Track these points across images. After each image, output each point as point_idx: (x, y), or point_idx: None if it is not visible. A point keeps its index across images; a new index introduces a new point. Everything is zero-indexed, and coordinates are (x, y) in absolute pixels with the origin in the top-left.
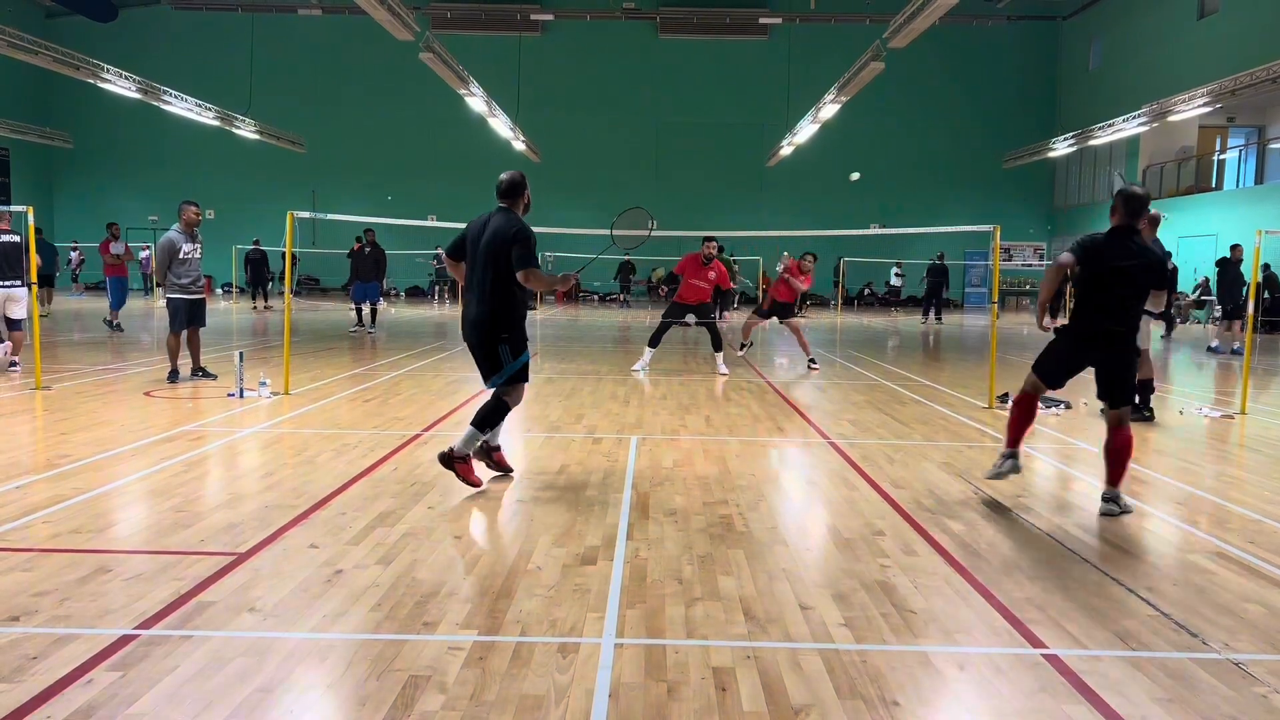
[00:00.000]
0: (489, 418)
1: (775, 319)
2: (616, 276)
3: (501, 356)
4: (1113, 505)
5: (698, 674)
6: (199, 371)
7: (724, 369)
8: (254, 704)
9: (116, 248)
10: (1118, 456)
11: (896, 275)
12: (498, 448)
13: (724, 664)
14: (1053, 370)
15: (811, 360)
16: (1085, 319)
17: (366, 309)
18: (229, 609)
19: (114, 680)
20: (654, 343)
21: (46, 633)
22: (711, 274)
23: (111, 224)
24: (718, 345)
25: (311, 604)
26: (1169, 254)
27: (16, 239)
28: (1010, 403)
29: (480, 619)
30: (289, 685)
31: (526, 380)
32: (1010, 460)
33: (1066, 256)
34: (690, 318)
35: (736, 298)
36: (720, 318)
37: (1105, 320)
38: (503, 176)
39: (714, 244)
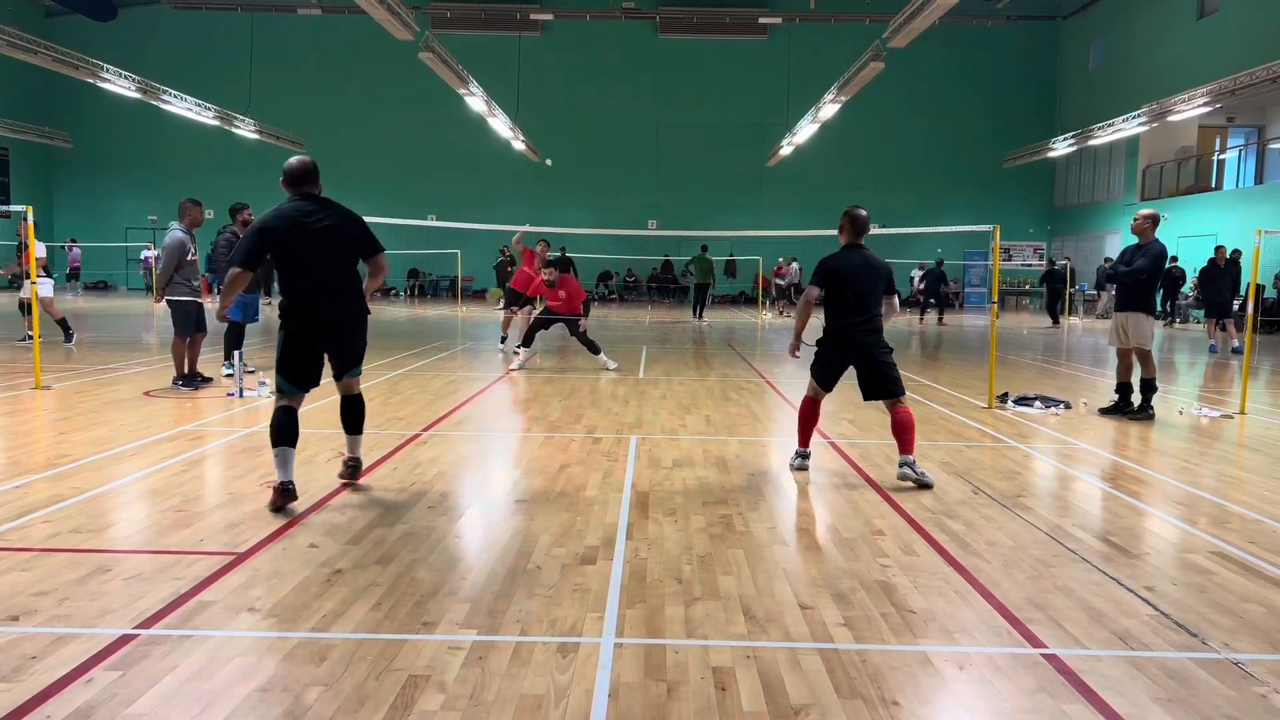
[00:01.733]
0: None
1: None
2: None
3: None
4: (908, 470)
5: (697, 674)
6: (198, 376)
7: (611, 365)
8: (253, 704)
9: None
10: (903, 430)
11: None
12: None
13: (724, 664)
14: (824, 377)
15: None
16: (837, 329)
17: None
18: (228, 609)
19: (113, 680)
20: (527, 341)
21: (46, 632)
22: (561, 293)
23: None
24: (594, 349)
25: (311, 604)
26: (1170, 254)
27: None
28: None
29: (480, 618)
30: (288, 685)
31: None
32: (800, 458)
33: (812, 290)
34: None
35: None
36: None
37: (852, 323)
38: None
39: (551, 270)
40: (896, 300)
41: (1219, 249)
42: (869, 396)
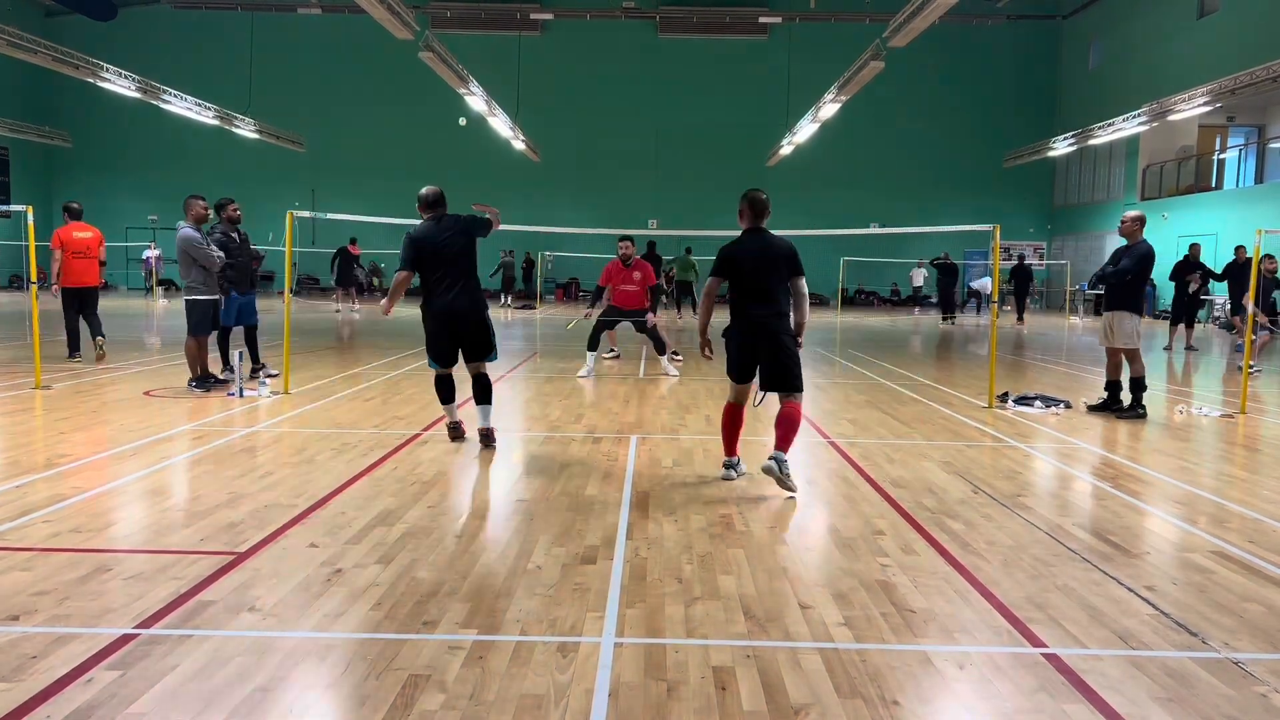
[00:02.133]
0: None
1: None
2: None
3: (491, 333)
4: (775, 466)
5: (697, 673)
6: (211, 377)
7: (672, 371)
8: (254, 703)
9: None
10: (788, 426)
11: (921, 274)
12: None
13: (724, 663)
14: (738, 370)
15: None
16: (742, 317)
17: None
18: (229, 608)
19: (114, 679)
20: (592, 346)
21: (46, 632)
22: (637, 274)
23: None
24: (660, 349)
25: (311, 603)
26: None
27: None
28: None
29: (480, 618)
30: (289, 685)
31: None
32: (726, 469)
33: (712, 282)
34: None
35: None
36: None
37: (758, 311)
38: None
39: (629, 244)
40: (802, 283)
41: (1194, 246)
42: (767, 387)
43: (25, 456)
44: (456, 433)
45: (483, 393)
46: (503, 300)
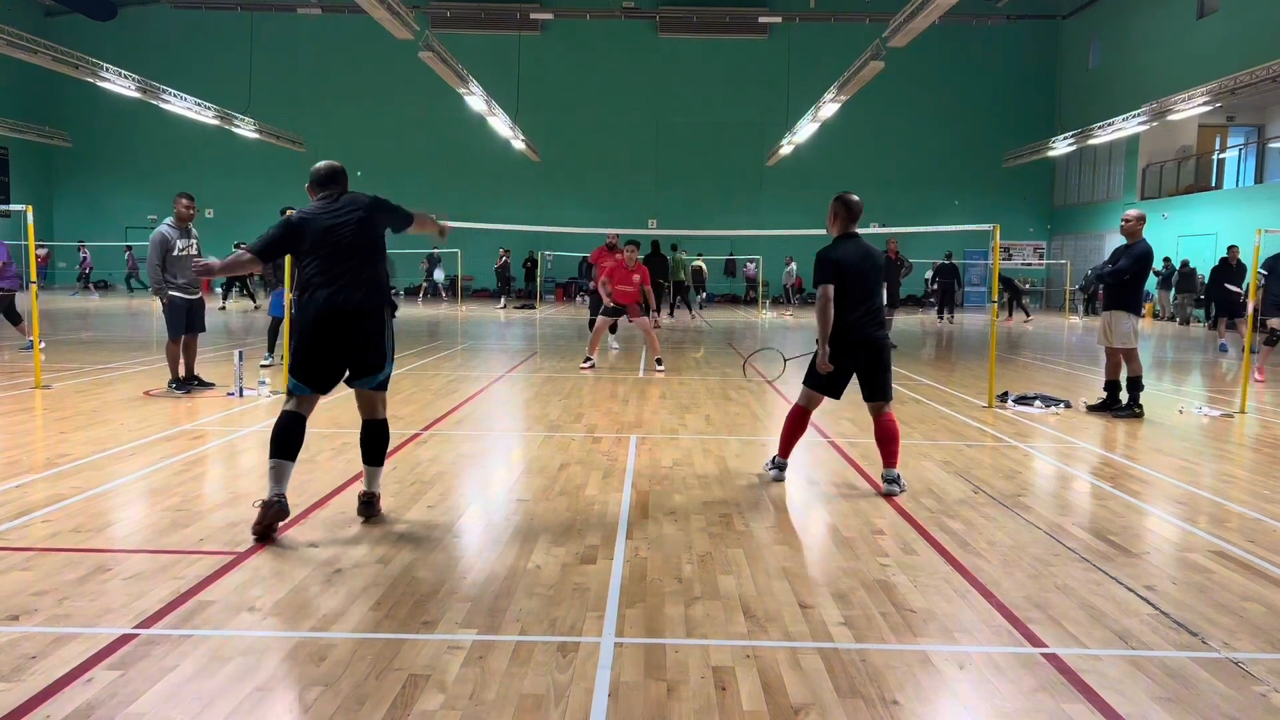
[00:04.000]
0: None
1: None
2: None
3: (388, 345)
4: (895, 487)
5: (697, 673)
6: (193, 380)
7: (658, 369)
8: (253, 703)
9: None
10: (891, 440)
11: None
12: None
13: (723, 663)
14: (831, 383)
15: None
16: (845, 326)
17: None
18: (228, 608)
19: (113, 679)
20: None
21: (46, 632)
22: (636, 276)
23: None
24: (653, 349)
25: (311, 603)
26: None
27: None
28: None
29: (480, 618)
30: (288, 684)
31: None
32: (776, 470)
33: (828, 289)
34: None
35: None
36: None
37: (860, 320)
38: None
39: (635, 247)
40: (885, 292)
41: (1232, 249)
42: (871, 397)
43: (25, 456)
44: (272, 513)
45: (374, 449)
46: (501, 302)
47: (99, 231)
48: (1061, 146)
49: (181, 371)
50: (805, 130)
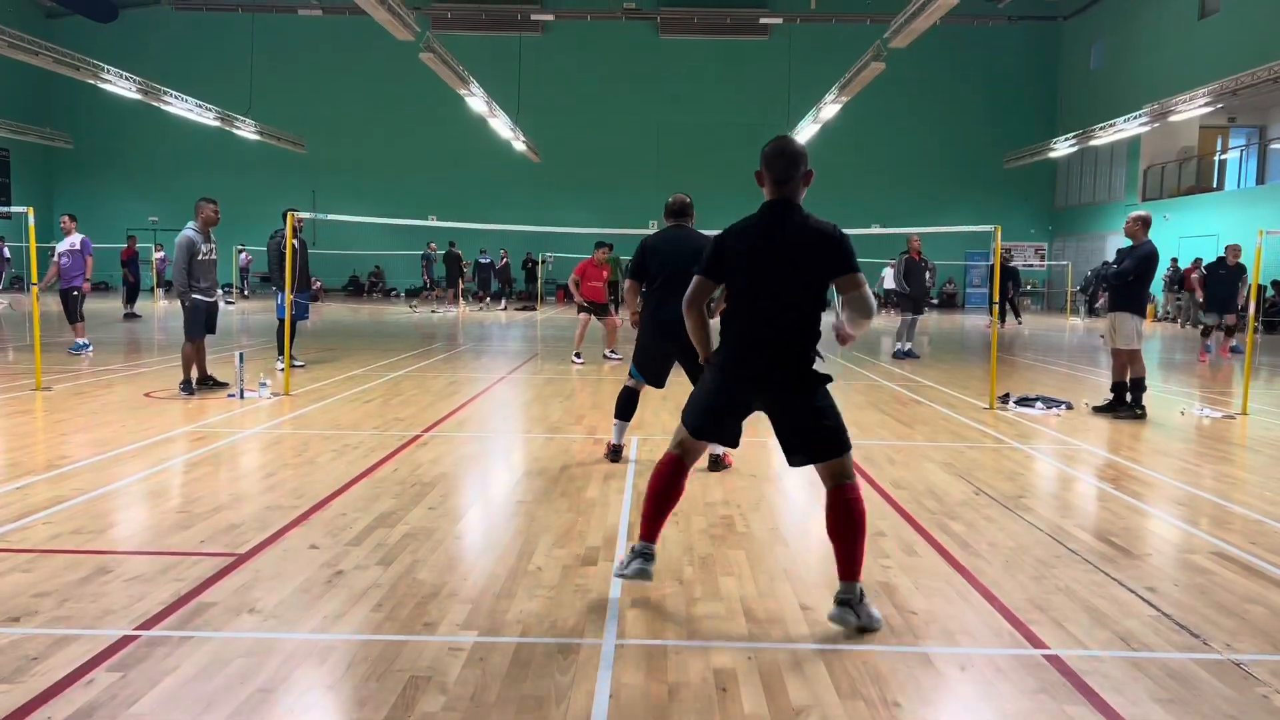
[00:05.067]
0: None
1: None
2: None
3: None
4: (841, 613)
5: (698, 675)
6: (208, 380)
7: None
8: (254, 705)
9: None
10: (850, 527)
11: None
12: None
13: (725, 665)
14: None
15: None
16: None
17: None
18: (229, 610)
19: (114, 681)
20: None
21: (47, 633)
22: (605, 273)
23: None
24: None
25: (312, 605)
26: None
27: None
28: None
29: (481, 619)
30: (289, 686)
31: None
32: (640, 560)
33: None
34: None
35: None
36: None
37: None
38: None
39: (608, 248)
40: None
41: (1230, 248)
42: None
43: (26, 458)
44: (616, 455)
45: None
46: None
47: (100, 233)
48: (1063, 148)
49: (195, 374)
50: (806, 131)
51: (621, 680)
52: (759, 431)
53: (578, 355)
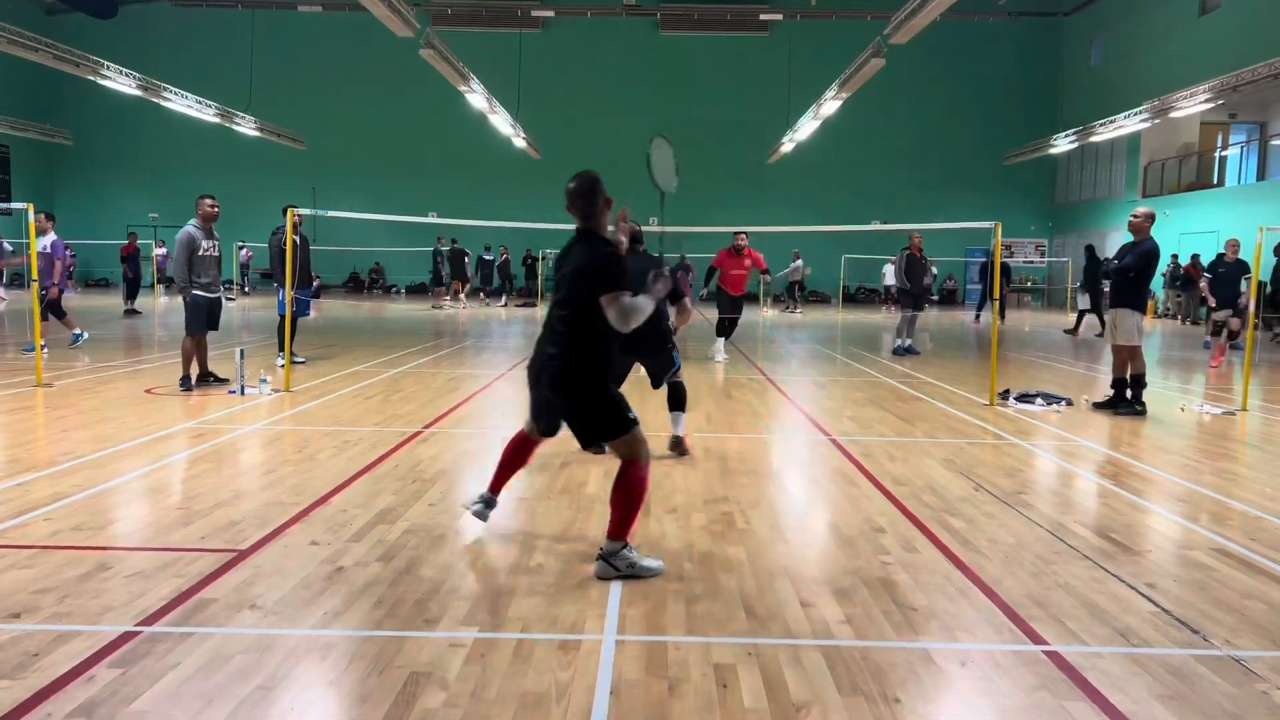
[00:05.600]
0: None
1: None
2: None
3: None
4: (608, 566)
5: (699, 671)
6: (208, 376)
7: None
8: (255, 701)
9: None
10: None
11: (892, 270)
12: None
13: (725, 661)
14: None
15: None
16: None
17: None
18: (230, 606)
19: (115, 677)
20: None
21: (47, 630)
22: (747, 262)
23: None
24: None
25: (312, 601)
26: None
27: None
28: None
29: (481, 616)
30: (290, 682)
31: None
32: (482, 505)
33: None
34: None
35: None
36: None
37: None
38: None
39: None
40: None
41: (1229, 244)
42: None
43: (26, 454)
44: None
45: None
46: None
47: (100, 230)
48: (1063, 144)
49: (194, 369)
50: (806, 128)
51: (622, 677)
52: (759, 429)
53: None
